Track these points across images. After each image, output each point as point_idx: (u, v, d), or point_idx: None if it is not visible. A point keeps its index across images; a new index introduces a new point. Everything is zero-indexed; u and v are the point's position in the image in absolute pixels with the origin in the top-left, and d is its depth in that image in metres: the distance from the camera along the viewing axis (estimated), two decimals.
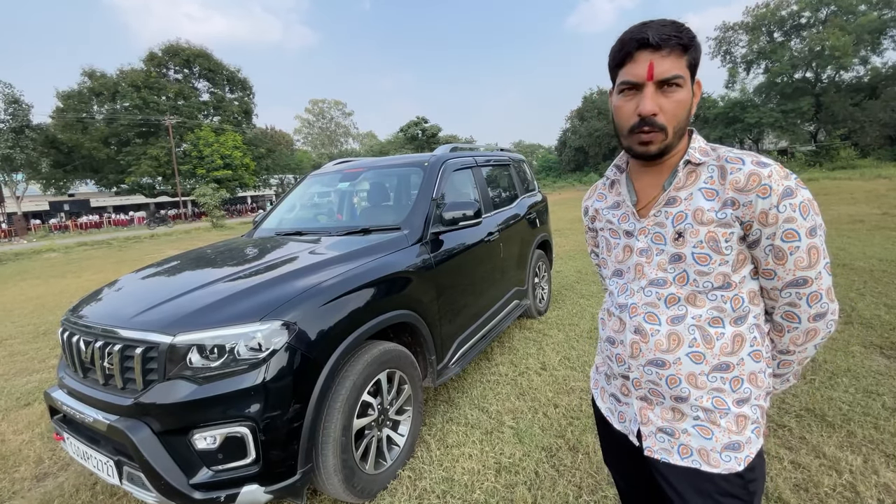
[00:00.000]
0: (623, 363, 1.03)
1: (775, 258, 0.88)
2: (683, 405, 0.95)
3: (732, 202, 0.88)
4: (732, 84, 37.84)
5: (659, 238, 0.96)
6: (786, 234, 0.86)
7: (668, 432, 0.97)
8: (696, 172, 0.93)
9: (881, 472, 2.07)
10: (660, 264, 0.96)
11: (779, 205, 0.85)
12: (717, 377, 0.93)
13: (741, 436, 0.93)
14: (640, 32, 0.86)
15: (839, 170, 26.25)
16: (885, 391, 2.74)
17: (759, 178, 0.86)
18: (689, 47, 0.86)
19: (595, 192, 1.18)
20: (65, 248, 18.62)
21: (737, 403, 0.93)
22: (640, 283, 0.99)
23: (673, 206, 0.94)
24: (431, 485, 2.23)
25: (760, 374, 0.95)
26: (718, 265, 0.90)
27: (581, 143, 44.38)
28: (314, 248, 2.64)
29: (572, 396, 2.98)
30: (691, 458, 0.94)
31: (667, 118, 0.88)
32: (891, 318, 3.83)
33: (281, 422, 1.78)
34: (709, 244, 0.90)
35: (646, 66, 0.86)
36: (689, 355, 0.93)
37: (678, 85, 0.87)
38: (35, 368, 4.29)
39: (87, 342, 1.98)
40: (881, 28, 30.80)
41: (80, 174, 39.19)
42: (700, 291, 0.93)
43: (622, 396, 1.08)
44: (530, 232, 4.40)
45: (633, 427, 1.04)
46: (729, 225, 0.89)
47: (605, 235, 1.11)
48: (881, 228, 7.99)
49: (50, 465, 2.64)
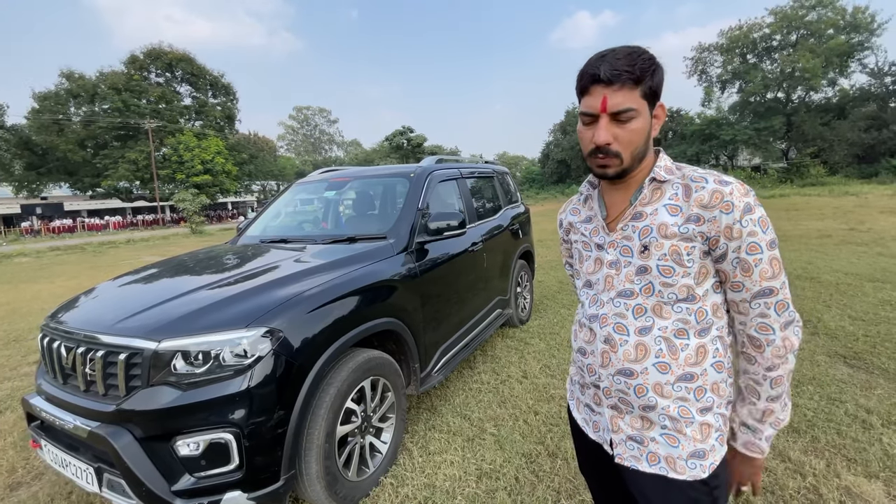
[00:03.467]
0: (594, 373, 1.08)
1: (742, 270, 0.93)
2: (651, 413, 1.00)
3: (697, 218, 0.93)
4: (708, 102, 39.04)
5: (627, 251, 1.02)
6: (750, 248, 0.91)
7: (638, 440, 1.02)
8: (661, 189, 0.99)
9: (843, 475, 2.18)
10: (627, 276, 1.01)
11: (741, 220, 0.91)
12: (681, 387, 0.97)
13: (705, 444, 0.97)
14: (594, 68, 0.92)
15: (809, 186, 27.26)
16: (847, 398, 2.87)
17: (721, 195, 0.91)
18: (641, 80, 0.91)
19: (570, 206, 1.23)
20: (36, 253, 18.04)
21: (701, 412, 0.98)
22: (610, 294, 1.04)
23: (639, 220, 1.00)
24: (413, 491, 2.25)
25: (722, 384, 1.00)
26: (681, 277, 0.96)
27: (563, 156, 45.14)
28: (299, 256, 2.66)
29: (552, 404, 3.04)
30: (659, 465, 0.99)
31: (621, 146, 0.94)
32: (854, 329, 4.01)
33: (265, 428, 1.79)
34: (672, 257, 0.95)
35: (599, 100, 0.91)
36: (656, 365, 0.98)
37: (631, 116, 0.92)
38: (6, 376, 4.16)
39: (69, 348, 1.96)
40: (849, 52, 32.31)
41: (55, 177, 38.21)
42: (665, 303, 0.98)
43: (595, 406, 1.12)
44: (513, 242, 4.48)
45: (607, 437, 1.08)
46: (691, 239, 0.94)
47: (578, 248, 1.16)
48: (847, 243, 8.34)
49: (24, 475, 2.58)
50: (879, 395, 2.90)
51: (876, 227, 10.09)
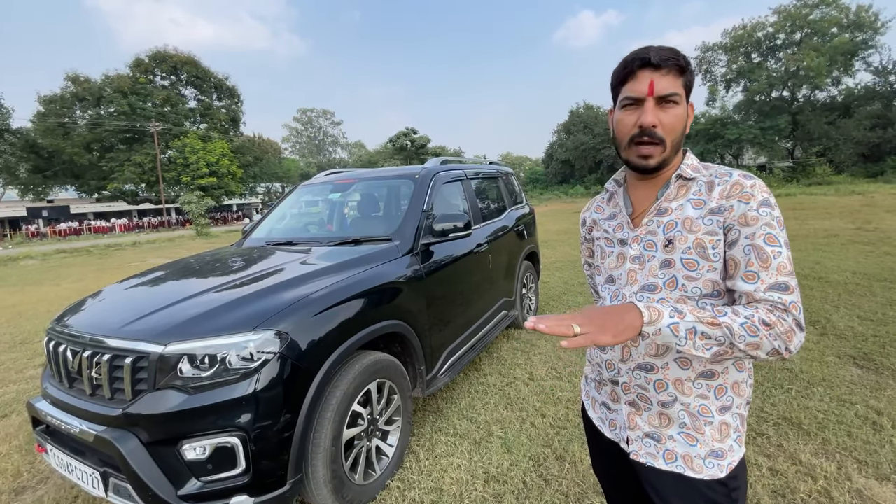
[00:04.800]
0: (613, 368, 1.08)
1: (759, 260, 0.88)
2: (670, 411, 0.99)
3: (718, 209, 0.94)
4: (713, 101, 38.90)
5: (651, 245, 1.01)
6: (768, 238, 0.89)
7: (655, 438, 1.01)
8: (686, 186, 1.00)
9: (854, 478, 2.15)
10: (651, 270, 1.01)
11: (759, 209, 0.90)
12: (702, 384, 0.97)
13: (724, 444, 0.97)
14: (643, 53, 0.95)
15: (815, 185, 27.06)
16: (857, 400, 2.84)
17: (741, 186, 0.93)
18: (685, 70, 0.95)
19: (594, 205, 1.24)
20: (43, 256, 18.15)
21: (720, 411, 0.97)
22: (633, 289, 1.03)
23: (664, 215, 1.00)
24: (420, 495, 2.24)
25: (742, 384, 0.99)
26: (706, 272, 0.95)
27: (567, 156, 45.07)
28: (305, 259, 2.66)
29: (559, 406, 3.02)
30: (676, 463, 0.98)
31: (665, 131, 0.95)
32: (864, 330, 3.97)
33: (271, 432, 1.78)
34: (697, 251, 0.95)
35: (647, 83, 0.94)
36: (677, 361, 0.98)
37: (675, 102, 0.94)
38: (12, 379, 4.18)
39: (75, 352, 1.96)
40: (853, 50, 32.06)
41: (61, 180, 38.49)
42: (689, 297, 0.96)
43: (612, 403, 1.12)
44: (518, 243, 4.47)
45: (623, 434, 1.07)
46: (714, 233, 0.94)
47: (600, 244, 1.17)
48: (855, 243, 8.27)
49: (29, 479, 2.58)
50: (889, 396, 2.86)
51: (883, 227, 10.00)
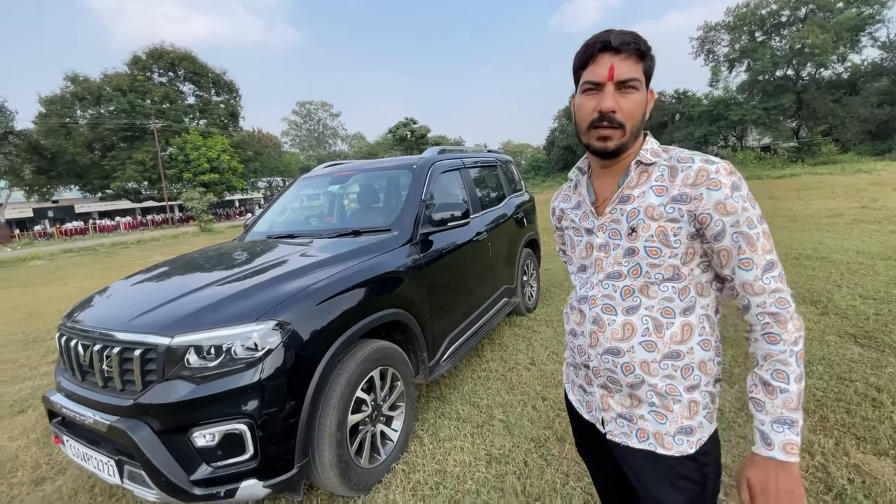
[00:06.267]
0: (584, 353, 1.10)
1: (749, 245, 0.91)
2: (639, 391, 1.02)
3: (683, 197, 0.94)
4: (716, 82, 38.33)
5: (615, 234, 1.04)
6: (748, 222, 0.92)
7: (627, 418, 1.05)
8: (647, 172, 1.01)
9: (851, 453, 2.19)
10: (616, 258, 1.03)
11: (732, 195, 0.92)
12: (668, 364, 0.99)
13: (693, 420, 1.00)
14: (604, 36, 0.95)
15: (821, 165, 26.73)
16: (857, 378, 2.86)
17: (707, 172, 0.93)
18: (645, 55, 0.95)
19: (561, 194, 1.25)
20: (50, 256, 18.36)
21: (688, 390, 0.99)
22: (599, 277, 1.06)
23: (627, 203, 1.02)
24: (425, 477, 2.30)
25: (709, 362, 1.01)
26: (668, 258, 0.97)
27: (569, 142, 44.73)
28: (306, 251, 2.70)
29: (560, 389, 3.07)
30: (648, 441, 1.02)
31: (624, 116, 0.95)
32: (865, 309, 3.98)
33: (278, 418, 1.84)
34: (659, 238, 0.97)
35: (607, 68, 0.94)
36: (642, 344, 1.00)
37: (634, 87, 0.95)
38: (27, 376, 4.28)
39: (86, 346, 2.02)
40: (859, 25, 31.46)
41: (64, 180, 38.64)
42: (652, 283, 0.99)
43: (587, 386, 1.15)
44: (518, 231, 4.49)
45: (599, 415, 1.11)
46: (676, 220, 0.96)
47: (569, 234, 1.19)
48: (859, 222, 8.22)
49: (47, 470, 2.67)
50: (890, 373, 2.88)
51: (889, 205, 9.91)
